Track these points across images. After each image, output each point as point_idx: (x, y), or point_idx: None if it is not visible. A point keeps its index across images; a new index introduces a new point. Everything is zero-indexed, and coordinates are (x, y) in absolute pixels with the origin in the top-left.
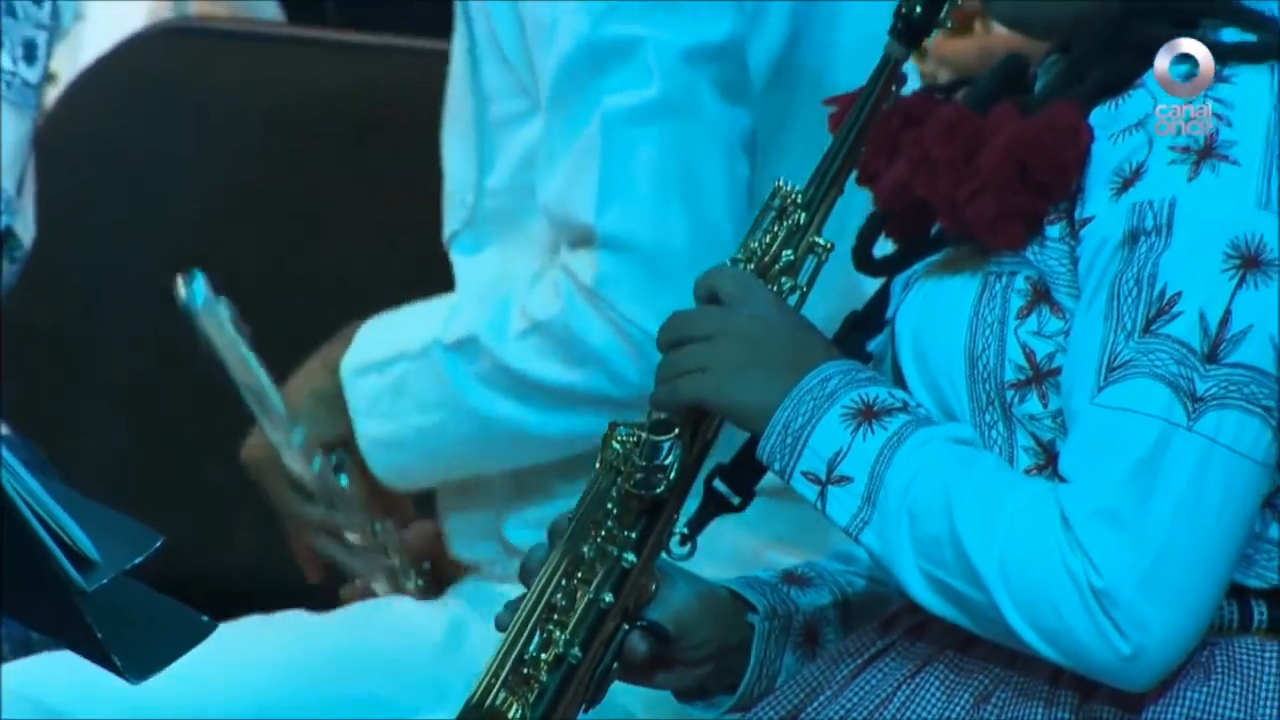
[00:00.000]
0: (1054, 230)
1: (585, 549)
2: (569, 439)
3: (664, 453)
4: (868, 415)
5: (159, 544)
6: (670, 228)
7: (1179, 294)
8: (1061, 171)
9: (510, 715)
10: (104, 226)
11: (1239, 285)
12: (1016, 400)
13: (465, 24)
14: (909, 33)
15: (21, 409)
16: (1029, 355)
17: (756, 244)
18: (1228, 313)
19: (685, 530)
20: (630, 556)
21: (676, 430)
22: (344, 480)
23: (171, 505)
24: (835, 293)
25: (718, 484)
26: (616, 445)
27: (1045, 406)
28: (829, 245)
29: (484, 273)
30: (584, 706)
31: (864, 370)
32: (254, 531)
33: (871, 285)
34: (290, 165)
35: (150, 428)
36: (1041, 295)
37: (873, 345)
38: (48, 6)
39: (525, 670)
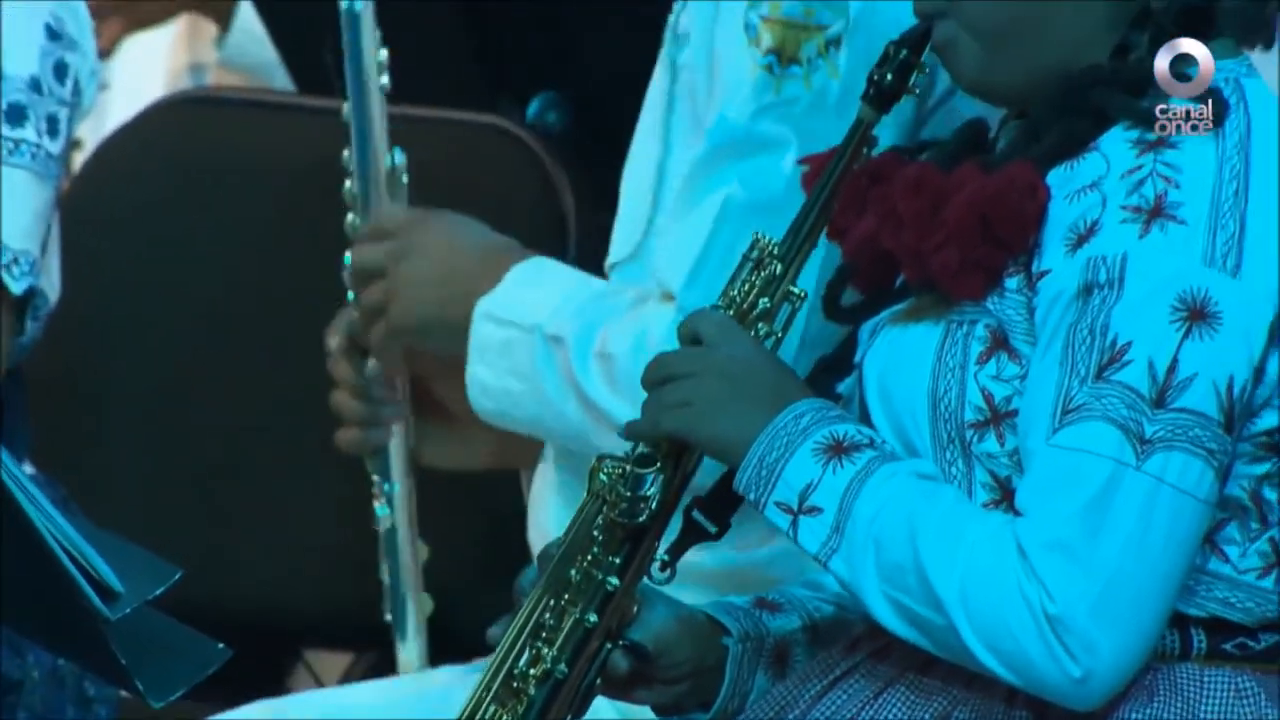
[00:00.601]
0: (1012, 282)
1: (573, 572)
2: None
3: (647, 484)
4: (838, 450)
5: (178, 576)
6: None
7: (1130, 343)
8: (1021, 227)
9: None
10: (125, 283)
11: (1185, 336)
12: (975, 439)
13: (669, 67)
14: (880, 98)
15: (47, 452)
16: (988, 398)
17: (735, 292)
18: (1175, 361)
19: (666, 557)
20: (614, 580)
21: (659, 464)
22: None
23: (188, 540)
24: None
25: (696, 514)
26: (603, 477)
27: (1002, 445)
28: (802, 294)
29: None
30: (569, 719)
31: (834, 409)
32: (268, 565)
33: None
34: (300, 226)
35: (167, 469)
36: (1000, 342)
37: (842, 387)
38: (70, 84)
39: (515, 684)
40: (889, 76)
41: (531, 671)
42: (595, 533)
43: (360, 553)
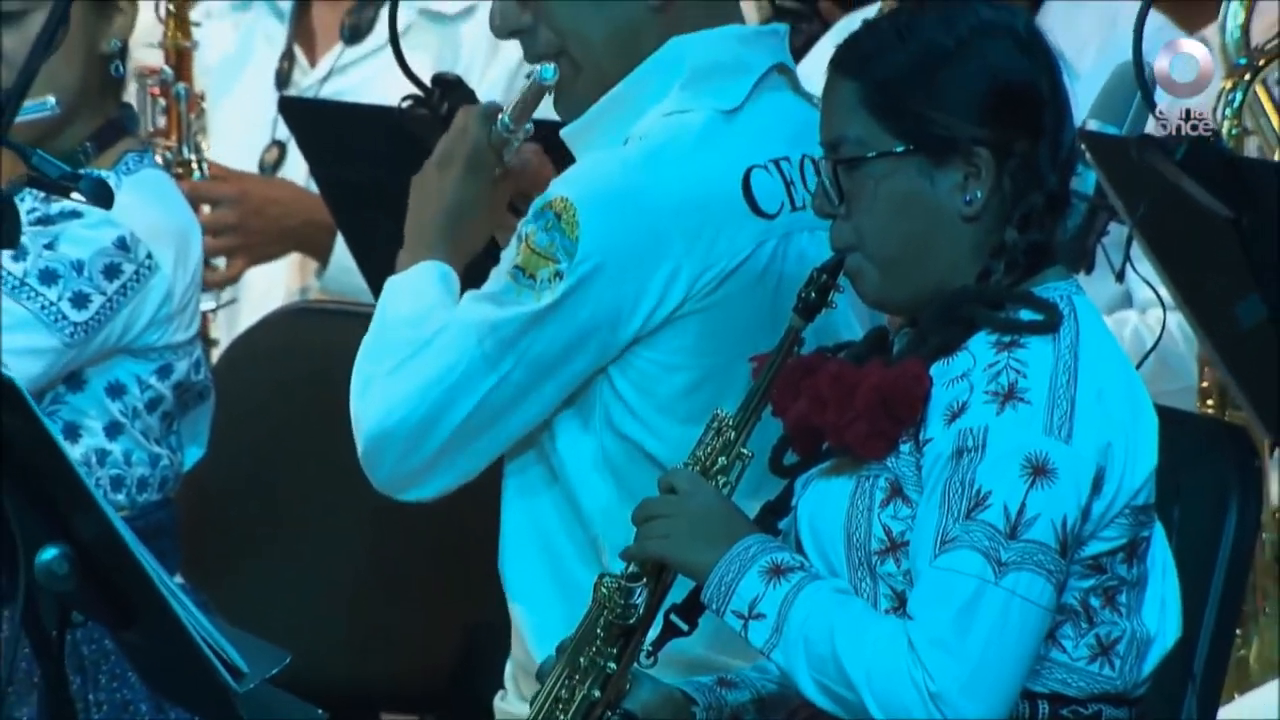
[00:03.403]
0: (905, 447)
1: (582, 659)
2: None
3: (635, 595)
4: (777, 572)
5: (288, 660)
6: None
7: (990, 492)
8: (911, 407)
9: None
10: (253, 442)
11: (1031, 487)
12: (879, 563)
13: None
14: (806, 310)
15: (193, 567)
16: (888, 532)
17: (700, 452)
18: (1023, 506)
19: (650, 648)
20: (612, 665)
21: (644, 579)
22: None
23: (293, 628)
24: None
25: (673, 617)
26: (603, 590)
27: (899, 567)
28: (750, 454)
29: None
30: None
31: (774, 541)
32: (351, 646)
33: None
34: None
35: (277, 580)
36: (896, 491)
37: (782, 524)
38: (117, 284)
39: None
40: (813, 294)
41: None
42: (598, 630)
43: (423, 635)
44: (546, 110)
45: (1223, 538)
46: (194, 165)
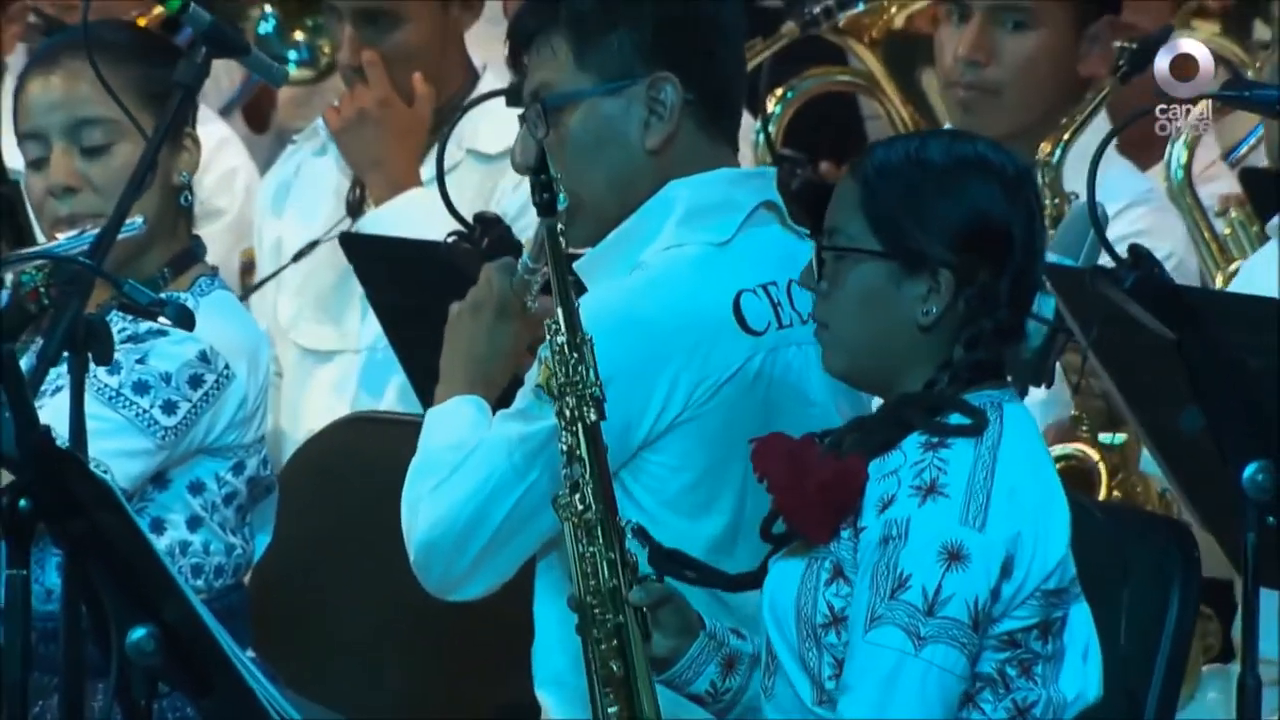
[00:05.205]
0: (845, 533)
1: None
2: None
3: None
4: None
5: None
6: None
7: (910, 575)
8: (851, 499)
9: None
10: (313, 533)
11: (947, 570)
12: (824, 634)
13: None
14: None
15: (263, 642)
16: (830, 608)
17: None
18: (939, 587)
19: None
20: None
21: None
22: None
23: (349, 695)
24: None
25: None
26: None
27: (839, 638)
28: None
29: None
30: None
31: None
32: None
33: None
34: None
35: (331, 654)
36: (839, 572)
37: (759, 599)
38: (201, 391)
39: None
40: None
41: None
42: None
43: (465, 703)
44: None
45: (1167, 614)
46: None
